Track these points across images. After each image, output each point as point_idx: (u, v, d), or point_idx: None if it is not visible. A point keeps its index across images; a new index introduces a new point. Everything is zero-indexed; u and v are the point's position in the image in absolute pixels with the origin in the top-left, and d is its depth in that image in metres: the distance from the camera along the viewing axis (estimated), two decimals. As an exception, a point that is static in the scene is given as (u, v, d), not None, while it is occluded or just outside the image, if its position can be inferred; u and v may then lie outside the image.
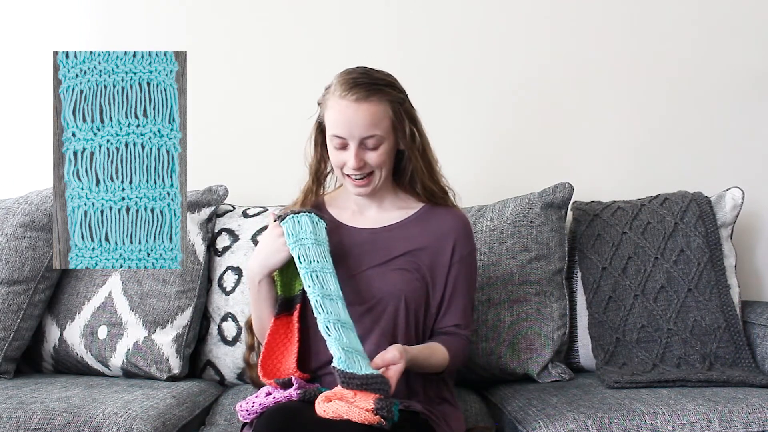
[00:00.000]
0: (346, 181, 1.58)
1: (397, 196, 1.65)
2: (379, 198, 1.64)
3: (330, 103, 1.54)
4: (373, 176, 1.56)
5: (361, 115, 1.50)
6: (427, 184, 1.62)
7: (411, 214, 1.63)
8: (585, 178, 2.28)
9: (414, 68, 2.39)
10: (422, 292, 1.56)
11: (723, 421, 1.56)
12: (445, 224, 1.61)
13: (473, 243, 1.64)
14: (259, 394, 1.45)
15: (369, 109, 1.51)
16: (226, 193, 2.11)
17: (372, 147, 1.53)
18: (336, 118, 1.52)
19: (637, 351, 1.97)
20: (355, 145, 1.52)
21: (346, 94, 1.51)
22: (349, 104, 1.50)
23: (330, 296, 1.45)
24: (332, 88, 1.55)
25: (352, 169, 1.53)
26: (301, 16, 2.42)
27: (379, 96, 1.52)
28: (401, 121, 1.56)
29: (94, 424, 1.55)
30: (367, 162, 1.54)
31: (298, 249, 1.48)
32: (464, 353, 1.61)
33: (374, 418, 1.30)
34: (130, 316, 1.98)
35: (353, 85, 1.51)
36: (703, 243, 2.04)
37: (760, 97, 2.40)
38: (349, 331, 1.42)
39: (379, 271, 1.55)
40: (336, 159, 1.56)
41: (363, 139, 1.51)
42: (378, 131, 1.52)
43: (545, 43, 2.41)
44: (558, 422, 1.56)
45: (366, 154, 1.53)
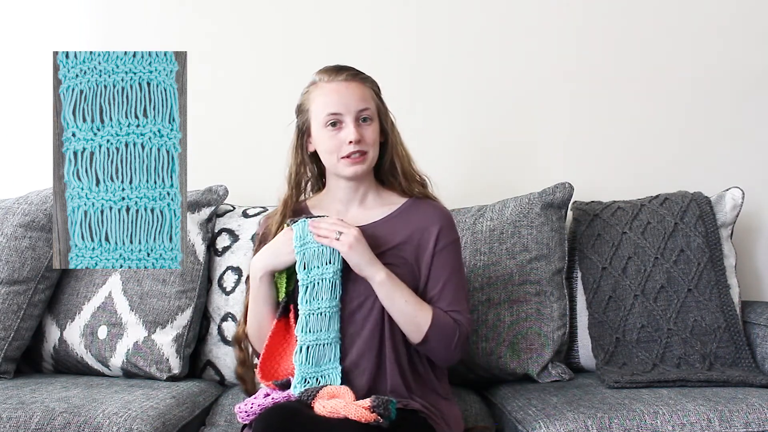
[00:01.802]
0: (340, 165, 1.59)
1: (379, 193, 1.67)
2: (363, 194, 1.65)
3: (317, 92, 1.60)
4: (367, 155, 1.59)
5: (353, 91, 1.58)
6: (407, 169, 1.66)
7: (394, 210, 1.64)
8: (585, 178, 2.28)
9: (414, 68, 2.40)
10: (411, 286, 1.56)
11: (723, 421, 1.56)
12: (428, 217, 1.62)
13: (456, 233, 1.65)
14: (257, 396, 1.46)
15: (358, 86, 1.60)
16: (226, 193, 2.11)
17: (366, 122, 1.58)
18: (329, 98, 1.58)
19: (637, 351, 1.97)
20: (351, 119, 1.56)
21: (335, 76, 1.59)
22: (340, 83, 1.58)
23: (319, 311, 1.50)
24: (315, 81, 1.61)
25: (351, 143, 1.55)
26: (301, 17, 2.42)
27: (363, 80, 1.62)
28: (383, 107, 1.64)
29: (94, 424, 1.55)
30: (364, 137, 1.57)
31: (302, 254, 1.51)
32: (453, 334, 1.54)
33: (371, 416, 1.31)
34: (130, 316, 1.98)
35: (339, 69, 1.61)
36: (703, 243, 2.04)
37: (760, 97, 2.40)
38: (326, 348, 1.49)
39: None
40: (331, 143, 1.58)
41: (359, 112, 1.57)
42: (370, 106, 1.59)
43: (546, 43, 2.41)
44: (558, 422, 1.56)
45: (362, 128, 1.58)
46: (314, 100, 1.59)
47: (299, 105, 1.64)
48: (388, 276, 1.51)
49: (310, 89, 1.62)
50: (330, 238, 1.50)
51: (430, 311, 1.54)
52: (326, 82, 1.59)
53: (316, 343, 1.48)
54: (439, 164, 2.25)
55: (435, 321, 1.53)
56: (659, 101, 2.41)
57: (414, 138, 1.73)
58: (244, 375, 1.63)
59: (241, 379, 1.65)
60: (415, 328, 1.53)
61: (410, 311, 1.52)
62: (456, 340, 1.55)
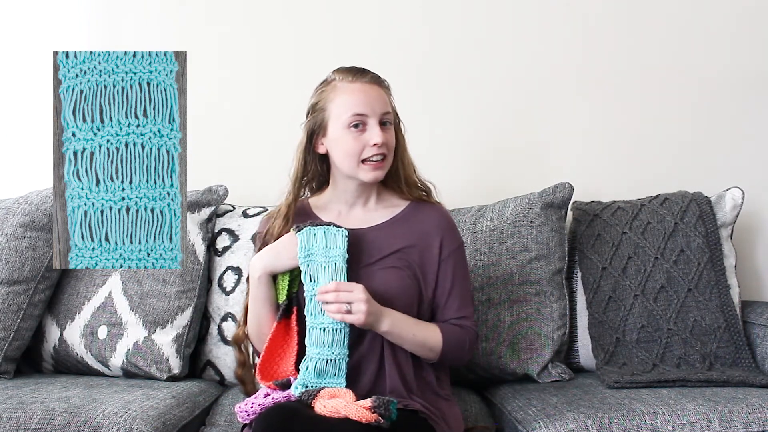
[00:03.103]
0: (361, 169, 1.57)
1: (382, 196, 1.66)
2: (366, 197, 1.65)
3: (338, 91, 1.57)
4: (387, 159, 1.59)
5: (377, 93, 1.57)
6: (411, 177, 1.66)
7: (397, 213, 1.64)
8: (585, 178, 2.28)
9: (414, 67, 2.40)
10: (415, 290, 1.57)
11: (723, 421, 1.56)
12: (430, 221, 1.62)
13: (459, 237, 1.65)
14: (257, 396, 1.45)
15: (380, 90, 1.60)
16: (226, 193, 2.11)
17: (388, 126, 1.58)
18: (353, 98, 1.56)
19: (637, 351, 1.97)
20: (376, 120, 1.55)
21: (359, 77, 1.58)
22: (364, 84, 1.57)
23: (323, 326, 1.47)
24: (335, 80, 1.59)
25: (376, 145, 1.54)
26: (304, 17, 2.42)
27: (383, 84, 1.62)
28: (396, 114, 1.64)
29: (94, 424, 1.55)
30: (387, 141, 1.57)
31: (307, 265, 1.50)
32: (464, 342, 1.58)
33: (372, 416, 1.31)
34: (130, 316, 1.98)
35: (361, 71, 1.60)
36: (703, 243, 2.04)
37: (760, 97, 2.40)
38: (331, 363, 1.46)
39: (370, 271, 1.55)
40: (354, 144, 1.56)
41: (383, 115, 1.56)
42: (390, 110, 1.59)
43: (547, 45, 2.41)
44: (558, 422, 1.56)
45: (385, 132, 1.57)
46: (334, 100, 1.57)
47: (314, 103, 1.61)
48: (392, 319, 1.49)
49: (328, 88, 1.59)
50: (341, 314, 1.44)
51: (439, 332, 1.55)
52: (350, 82, 1.57)
53: (319, 357, 1.46)
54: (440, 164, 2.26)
55: (446, 339, 1.55)
56: (659, 101, 2.41)
57: (414, 139, 1.73)
58: (244, 376, 1.63)
59: (241, 381, 1.65)
60: (428, 352, 1.55)
61: (420, 341, 1.53)
62: (467, 345, 1.59)
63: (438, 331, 1.55)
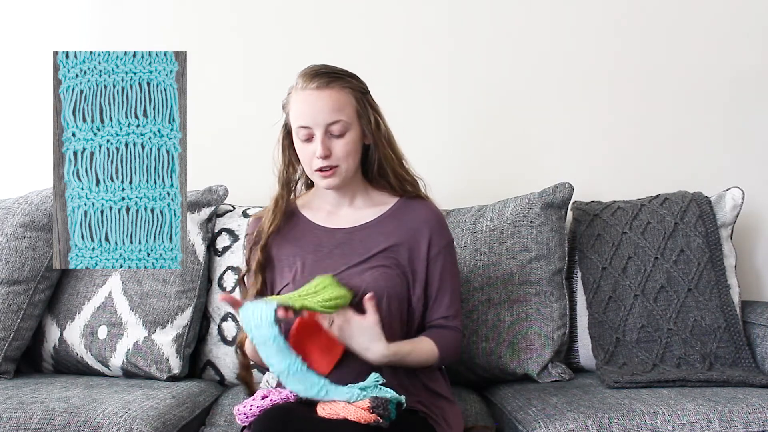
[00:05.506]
0: (314, 176, 1.57)
1: (369, 194, 1.65)
2: (351, 196, 1.63)
3: (293, 98, 1.56)
4: (338, 168, 1.54)
5: (324, 102, 1.51)
6: (398, 171, 1.62)
7: (385, 211, 1.63)
8: (585, 178, 2.28)
9: (414, 67, 2.40)
10: (404, 288, 1.56)
11: (723, 421, 1.56)
12: (419, 218, 1.61)
13: (449, 234, 1.64)
14: (256, 397, 1.45)
15: (331, 95, 1.52)
16: (226, 193, 2.11)
17: (338, 134, 1.53)
18: (300, 109, 1.53)
19: (637, 351, 1.97)
20: (320, 132, 1.51)
21: (308, 84, 1.53)
22: (311, 92, 1.52)
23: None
24: (295, 85, 1.56)
25: (318, 157, 1.52)
26: (301, 16, 2.42)
27: (341, 83, 1.54)
28: (365, 109, 1.57)
29: (94, 424, 1.55)
30: (334, 151, 1.53)
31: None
32: (455, 345, 1.61)
33: (370, 416, 1.31)
34: (130, 316, 1.98)
35: (314, 74, 1.54)
36: (703, 243, 2.04)
37: (760, 97, 2.40)
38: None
39: (358, 270, 1.55)
40: (304, 154, 1.55)
41: (328, 126, 1.51)
42: (342, 117, 1.52)
43: (547, 43, 2.41)
44: (558, 422, 1.56)
45: (332, 142, 1.53)
46: (291, 105, 1.57)
47: (283, 105, 1.61)
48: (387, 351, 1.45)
49: (291, 92, 1.58)
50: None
51: (432, 344, 1.55)
52: (300, 89, 1.54)
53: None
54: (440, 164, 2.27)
55: (440, 347, 1.55)
56: (659, 101, 2.41)
57: (414, 138, 1.73)
58: (247, 378, 1.63)
59: (244, 382, 1.64)
60: (425, 364, 1.55)
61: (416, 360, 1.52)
62: (458, 347, 1.62)
63: (432, 345, 1.55)
